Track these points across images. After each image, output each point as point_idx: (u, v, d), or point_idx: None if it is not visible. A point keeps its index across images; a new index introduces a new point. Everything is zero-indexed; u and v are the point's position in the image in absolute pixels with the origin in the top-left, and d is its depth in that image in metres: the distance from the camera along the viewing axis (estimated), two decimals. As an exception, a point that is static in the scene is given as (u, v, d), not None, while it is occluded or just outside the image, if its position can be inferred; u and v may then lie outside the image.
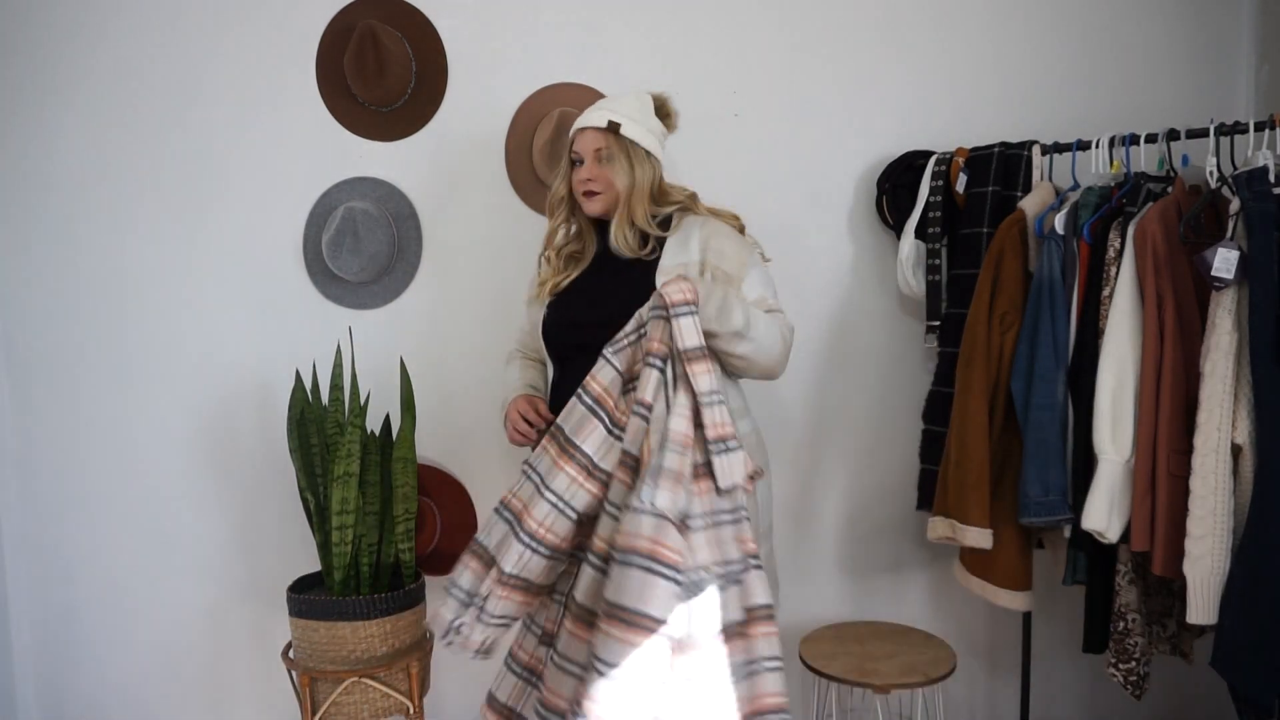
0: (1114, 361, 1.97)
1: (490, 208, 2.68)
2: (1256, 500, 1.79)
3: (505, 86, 2.65)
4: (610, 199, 2.05)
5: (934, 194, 2.43)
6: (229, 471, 2.77)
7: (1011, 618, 2.55)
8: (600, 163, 2.04)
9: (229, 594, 2.80)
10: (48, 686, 2.86)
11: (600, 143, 2.04)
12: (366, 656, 2.32)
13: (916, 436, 2.54)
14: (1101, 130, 2.23)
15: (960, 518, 2.17)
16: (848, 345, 2.69)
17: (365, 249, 2.60)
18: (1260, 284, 1.78)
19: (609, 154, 2.03)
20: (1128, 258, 1.98)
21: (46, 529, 2.82)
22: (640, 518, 1.65)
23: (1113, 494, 1.97)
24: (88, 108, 2.71)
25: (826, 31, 2.63)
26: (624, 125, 2.02)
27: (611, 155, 2.03)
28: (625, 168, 2.03)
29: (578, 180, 2.07)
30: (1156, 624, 2.14)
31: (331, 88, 2.68)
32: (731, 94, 2.65)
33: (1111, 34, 2.59)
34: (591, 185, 2.05)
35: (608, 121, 2.02)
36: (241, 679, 2.81)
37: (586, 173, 2.05)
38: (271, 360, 2.70)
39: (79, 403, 2.78)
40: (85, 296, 2.75)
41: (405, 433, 2.39)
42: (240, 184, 2.71)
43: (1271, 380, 1.77)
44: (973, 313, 2.21)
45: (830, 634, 2.45)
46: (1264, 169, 1.82)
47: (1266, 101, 2.50)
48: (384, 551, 2.45)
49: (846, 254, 2.68)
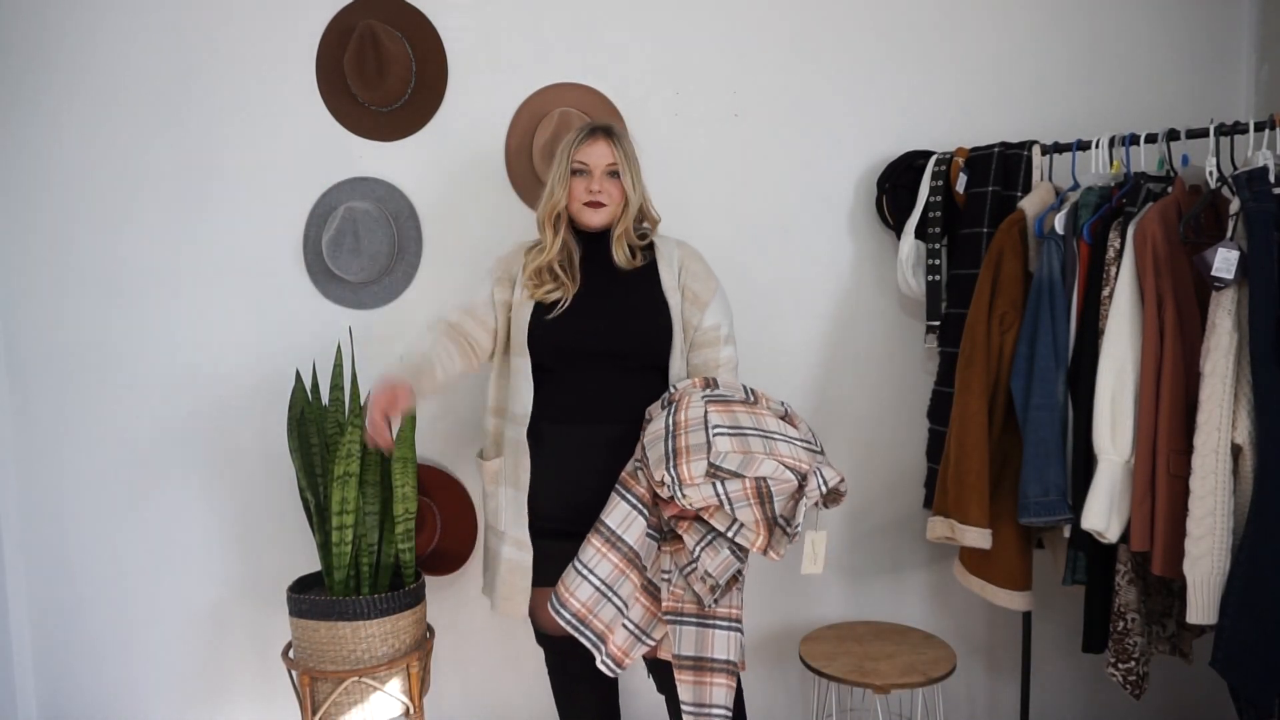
0: (1114, 361, 1.97)
1: (490, 208, 2.68)
2: (1256, 500, 1.79)
3: (505, 86, 2.65)
4: (614, 212, 2.11)
5: (934, 194, 2.43)
6: (229, 471, 2.77)
7: (1011, 618, 2.55)
8: (610, 175, 2.09)
9: (229, 594, 2.80)
10: (48, 686, 2.86)
11: (611, 156, 2.08)
12: (366, 656, 2.32)
13: (916, 436, 2.54)
14: (1101, 130, 2.23)
15: (960, 518, 2.17)
16: (848, 345, 2.69)
17: (365, 249, 2.60)
18: (1260, 284, 1.78)
19: (620, 167, 2.09)
20: (1128, 258, 1.98)
21: (46, 529, 2.82)
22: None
23: (1112, 494, 1.97)
24: (87, 107, 2.71)
25: (826, 32, 2.63)
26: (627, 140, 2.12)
27: (623, 169, 2.10)
28: (631, 182, 2.11)
29: (583, 190, 2.09)
30: (1156, 624, 2.14)
31: (331, 88, 2.68)
32: (731, 94, 2.65)
33: (1111, 34, 2.59)
34: (600, 197, 2.08)
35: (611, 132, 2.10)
36: (241, 679, 2.81)
37: (596, 184, 2.08)
38: (271, 360, 2.70)
39: (79, 402, 2.78)
40: (85, 296, 2.75)
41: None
42: (240, 184, 2.71)
43: (1271, 380, 1.77)
44: (973, 313, 2.21)
45: (830, 634, 2.45)
46: (1264, 169, 1.82)
47: (1266, 101, 2.50)
48: (384, 551, 2.45)
49: (846, 254, 2.68)
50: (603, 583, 1.93)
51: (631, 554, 1.93)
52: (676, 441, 1.85)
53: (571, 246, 2.14)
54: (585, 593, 1.93)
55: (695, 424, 1.86)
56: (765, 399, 2.03)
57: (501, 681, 2.77)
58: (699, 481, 1.80)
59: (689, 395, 1.97)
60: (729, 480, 1.79)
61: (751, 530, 1.83)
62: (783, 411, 2.02)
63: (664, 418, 1.94)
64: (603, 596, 1.93)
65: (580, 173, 2.09)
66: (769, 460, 1.80)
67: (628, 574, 1.94)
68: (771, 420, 1.93)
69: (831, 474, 1.84)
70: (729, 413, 1.90)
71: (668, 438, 1.87)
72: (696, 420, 1.86)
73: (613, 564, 1.93)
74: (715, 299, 2.15)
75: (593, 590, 1.93)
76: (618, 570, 1.93)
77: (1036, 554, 2.27)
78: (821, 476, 1.82)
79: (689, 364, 2.14)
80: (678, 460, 1.81)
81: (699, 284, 2.14)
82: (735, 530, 1.85)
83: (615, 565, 1.93)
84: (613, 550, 1.93)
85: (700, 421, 1.86)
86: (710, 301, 2.14)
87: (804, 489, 1.81)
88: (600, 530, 1.93)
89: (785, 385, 2.67)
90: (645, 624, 1.99)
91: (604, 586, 1.93)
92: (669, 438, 1.87)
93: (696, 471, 1.79)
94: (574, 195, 2.10)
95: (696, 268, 2.17)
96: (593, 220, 2.11)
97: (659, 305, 2.11)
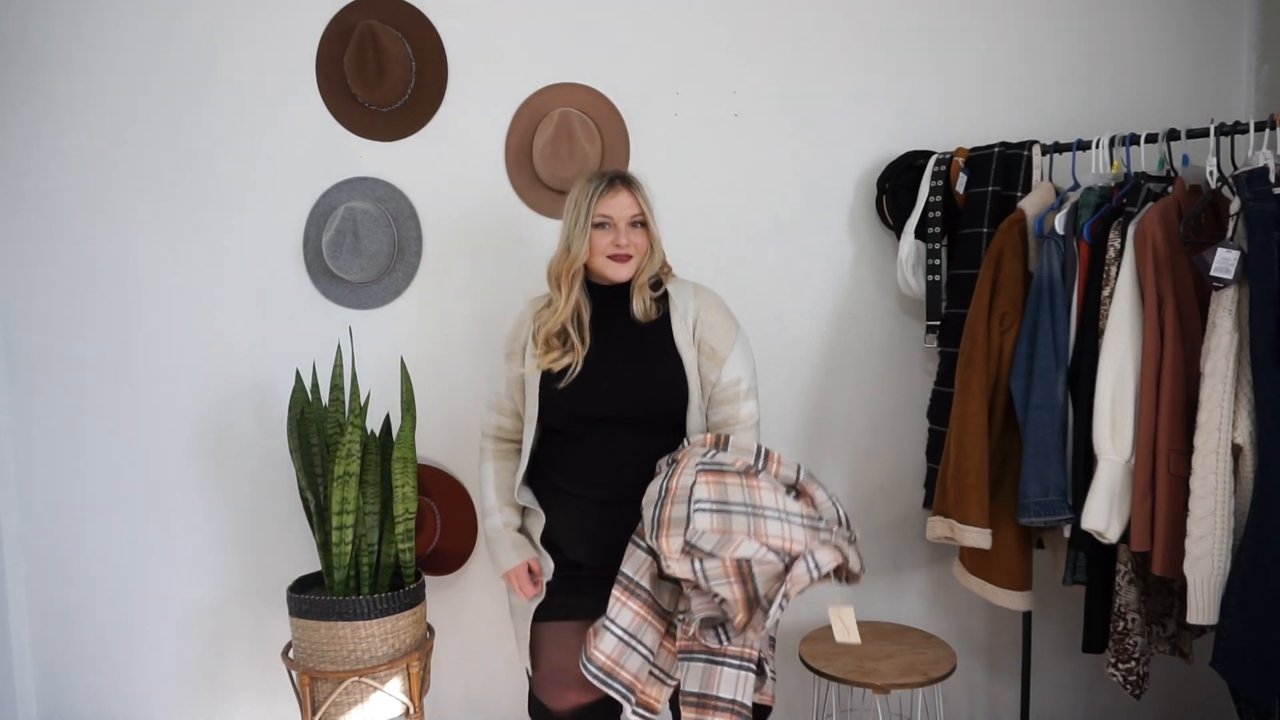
0: (1114, 361, 1.97)
1: (490, 208, 2.68)
2: (1256, 500, 1.79)
3: (505, 86, 2.65)
4: (639, 263, 2.03)
5: (934, 194, 2.43)
6: (229, 471, 2.77)
7: (1011, 618, 2.55)
8: (635, 226, 2.03)
9: (229, 594, 2.80)
10: (48, 686, 2.86)
11: (636, 206, 2.02)
12: (366, 656, 2.32)
13: (916, 436, 2.54)
14: (1101, 130, 2.23)
15: (959, 518, 2.17)
16: (848, 345, 2.69)
17: (365, 249, 2.60)
18: (1260, 284, 1.78)
19: (644, 217, 2.03)
20: (1128, 258, 1.98)
21: (46, 529, 2.82)
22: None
23: (1112, 494, 1.97)
24: (87, 108, 2.71)
25: (826, 32, 2.63)
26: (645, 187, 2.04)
27: (646, 218, 2.03)
28: (655, 231, 2.05)
29: (608, 244, 2.00)
30: (1156, 624, 2.14)
31: (331, 88, 2.68)
32: (731, 94, 2.65)
33: (1111, 34, 2.59)
34: (628, 250, 2.01)
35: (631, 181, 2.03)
36: (241, 679, 2.81)
37: (623, 237, 2.00)
38: (271, 360, 2.70)
39: (79, 402, 2.78)
40: (85, 296, 2.76)
41: (405, 433, 2.39)
42: (240, 184, 2.71)
43: (1271, 380, 1.77)
44: (972, 313, 2.21)
45: (830, 634, 2.44)
46: (1264, 169, 1.82)
47: (1266, 101, 2.50)
48: (384, 551, 2.45)
49: (846, 254, 2.68)
50: (625, 631, 1.87)
51: (651, 600, 1.88)
52: (662, 511, 1.79)
53: (582, 304, 2.05)
54: (609, 644, 1.86)
55: (681, 495, 1.79)
56: (778, 463, 1.91)
57: (501, 681, 2.77)
58: (677, 556, 1.75)
59: (691, 458, 1.88)
60: (706, 560, 1.73)
61: (731, 608, 1.77)
62: (794, 479, 1.91)
63: (661, 480, 1.87)
64: (627, 646, 1.87)
65: (602, 225, 2.00)
66: (749, 541, 1.71)
67: (650, 621, 1.89)
68: (768, 494, 1.81)
69: (828, 558, 1.74)
70: (719, 485, 1.80)
71: (658, 504, 1.81)
72: (684, 491, 1.79)
73: (634, 611, 1.87)
74: (734, 351, 2.04)
75: (616, 640, 1.86)
76: (639, 618, 1.88)
77: (1036, 554, 2.27)
78: (813, 560, 1.72)
79: (708, 421, 2.05)
80: (659, 532, 1.77)
81: (716, 337, 2.03)
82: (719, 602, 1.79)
83: (636, 613, 1.88)
84: (633, 598, 1.88)
85: (686, 493, 1.78)
86: (728, 355, 2.02)
87: (790, 571, 1.73)
88: (620, 580, 1.89)
89: (785, 385, 2.67)
90: (667, 665, 1.93)
91: (627, 635, 1.87)
92: (658, 504, 1.81)
93: (673, 547, 1.74)
94: (596, 249, 2.00)
95: (712, 318, 2.05)
96: (618, 274, 2.01)
97: (673, 363, 2.01)
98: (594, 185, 2.01)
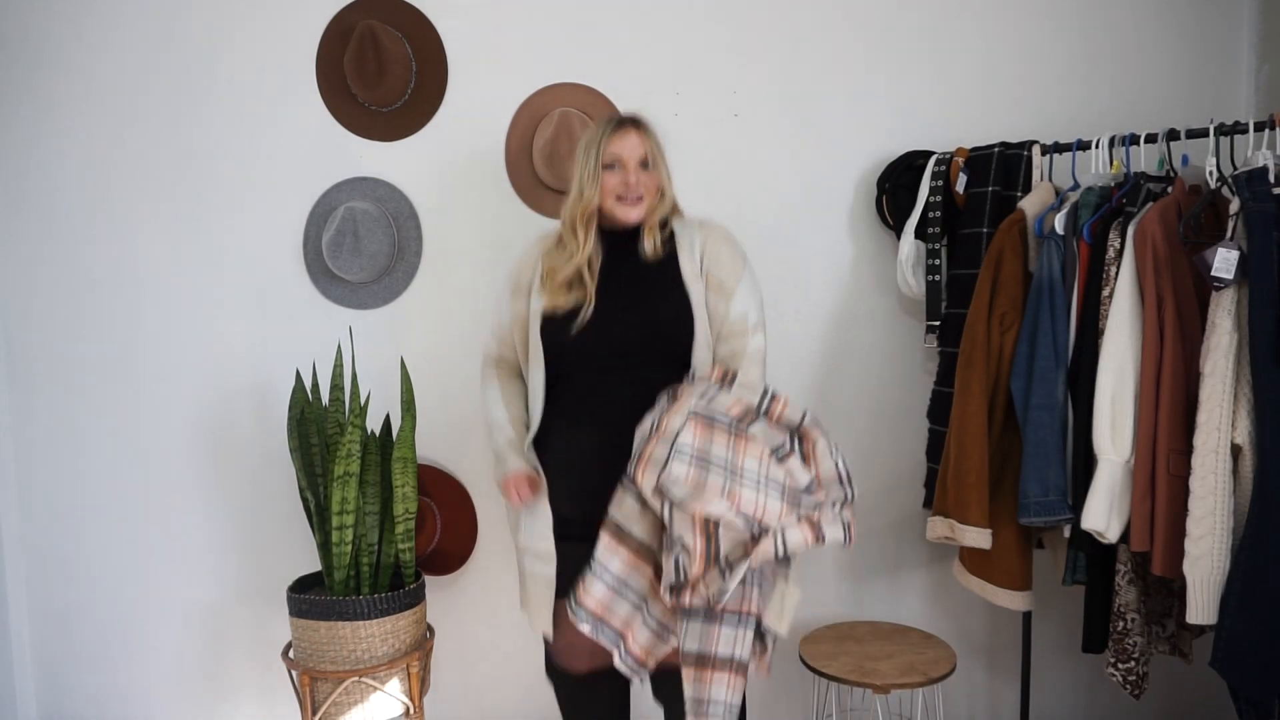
0: (1114, 361, 1.97)
1: (490, 208, 2.68)
2: (1256, 500, 1.79)
3: (505, 86, 2.65)
4: (650, 205, 2.03)
5: (934, 194, 2.43)
6: (229, 471, 2.77)
7: (1011, 618, 2.55)
8: (645, 168, 2.02)
9: (229, 594, 2.80)
10: (48, 686, 2.86)
11: (644, 147, 2.01)
12: (366, 656, 2.32)
13: (915, 436, 2.54)
14: (1101, 130, 2.23)
15: (959, 518, 2.17)
16: (848, 345, 2.69)
17: (365, 249, 2.60)
18: (1260, 284, 1.78)
19: (653, 159, 2.02)
20: (1128, 258, 1.98)
21: (46, 529, 2.82)
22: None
23: (1112, 494, 1.97)
24: (87, 108, 2.71)
25: (826, 32, 2.63)
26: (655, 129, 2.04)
27: (655, 160, 2.03)
28: (664, 173, 2.04)
29: (618, 185, 2.00)
30: (1156, 624, 2.14)
31: (331, 88, 2.68)
32: (731, 94, 2.65)
33: (1111, 34, 2.59)
34: (639, 190, 2.00)
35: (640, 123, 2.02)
36: (241, 679, 2.82)
37: (633, 177, 2.00)
38: (271, 360, 2.70)
39: (79, 403, 2.78)
40: (84, 296, 2.75)
41: (405, 433, 2.40)
42: (240, 184, 2.71)
43: (1271, 380, 1.77)
44: (972, 313, 2.21)
45: (830, 634, 2.45)
46: (1264, 169, 1.83)
47: (1266, 101, 2.50)
48: (384, 551, 2.45)
49: (846, 254, 2.68)
50: (615, 578, 1.87)
51: (641, 547, 1.87)
52: (646, 446, 1.79)
53: (595, 248, 2.04)
54: (599, 590, 1.87)
55: (668, 436, 1.78)
56: (784, 405, 1.89)
57: (501, 681, 2.77)
58: (649, 494, 1.75)
59: (689, 397, 1.87)
60: (675, 508, 1.74)
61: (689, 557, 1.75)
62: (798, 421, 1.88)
63: (655, 414, 1.86)
64: (616, 593, 1.87)
65: (611, 167, 2.00)
66: (721, 500, 1.71)
67: (639, 567, 1.88)
68: (752, 459, 1.77)
69: (797, 539, 1.72)
70: (706, 435, 1.78)
71: (646, 438, 1.82)
72: (671, 433, 1.78)
73: (623, 558, 1.87)
74: (742, 284, 2.02)
75: (606, 587, 1.87)
76: (629, 565, 1.87)
77: (1036, 554, 2.27)
78: (782, 539, 1.71)
79: (716, 355, 2.03)
80: (638, 465, 1.77)
81: (723, 269, 2.01)
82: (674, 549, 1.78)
83: (625, 560, 1.87)
84: (622, 544, 1.87)
85: (673, 435, 1.77)
86: (736, 288, 2.01)
87: (757, 542, 1.72)
88: (608, 524, 1.88)
89: (785, 385, 2.65)
90: (666, 619, 1.92)
91: (616, 582, 1.87)
92: (646, 439, 1.81)
93: (646, 484, 1.75)
94: (606, 190, 2.00)
95: (719, 251, 2.03)
96: (629, 216, 2.01)
97: (679, 297, 2.00)
98: (603, 127, 2.02)
